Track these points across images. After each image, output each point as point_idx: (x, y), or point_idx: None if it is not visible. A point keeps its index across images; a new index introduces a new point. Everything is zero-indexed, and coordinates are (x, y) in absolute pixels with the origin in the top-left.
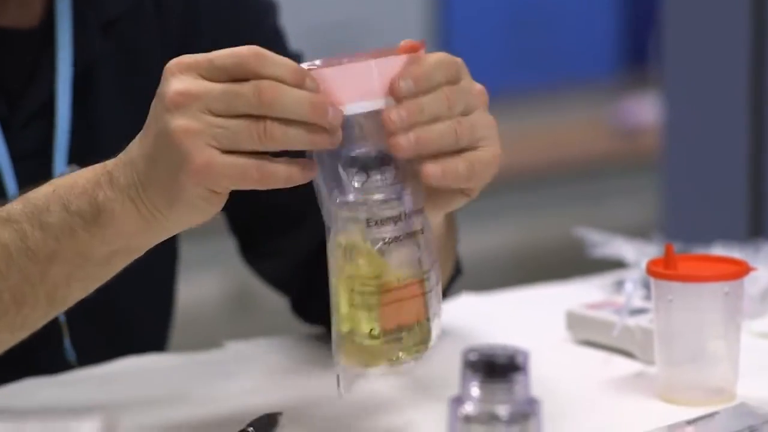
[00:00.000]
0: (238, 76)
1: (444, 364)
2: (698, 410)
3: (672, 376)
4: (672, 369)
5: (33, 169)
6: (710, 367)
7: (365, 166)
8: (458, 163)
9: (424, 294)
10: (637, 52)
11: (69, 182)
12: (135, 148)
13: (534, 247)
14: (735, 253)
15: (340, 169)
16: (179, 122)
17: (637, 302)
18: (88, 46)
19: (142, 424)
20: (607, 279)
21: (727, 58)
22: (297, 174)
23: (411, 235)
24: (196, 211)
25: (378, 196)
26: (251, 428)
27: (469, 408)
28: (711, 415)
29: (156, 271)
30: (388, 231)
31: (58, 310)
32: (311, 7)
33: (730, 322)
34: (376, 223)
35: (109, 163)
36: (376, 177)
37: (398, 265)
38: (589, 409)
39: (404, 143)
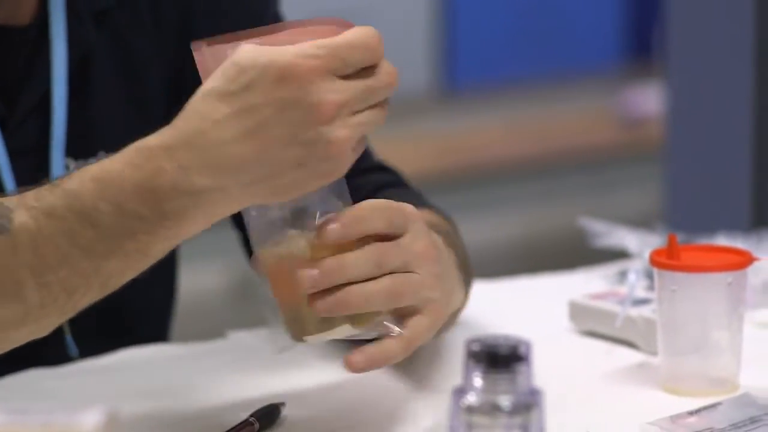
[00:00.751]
0: (366, 65)
1: (446, 353)
2: (701, 400)
3: (675, 367)
4: (675, 359)
5: (30, 164)
6: (713, 358)
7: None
8: (389, 345)
9: None
10: (641, 43)
11: (117, 182)
12: (228, 149)
13: (537, 237)
14: (738, 243)
15: None
16: (336, 134)
17: (640, 292)
18: (82, 39)
19: (144, 415)
20: (611, 269)
21: (730, 48)
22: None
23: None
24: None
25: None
26: (253, 418)
27: (471, 398)
28: (714, 406)
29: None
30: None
31: (104, 294)
32: None
33: (733, 313)
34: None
35: (165, 162)
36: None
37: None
38: (591, 400)
39: (320, 305)
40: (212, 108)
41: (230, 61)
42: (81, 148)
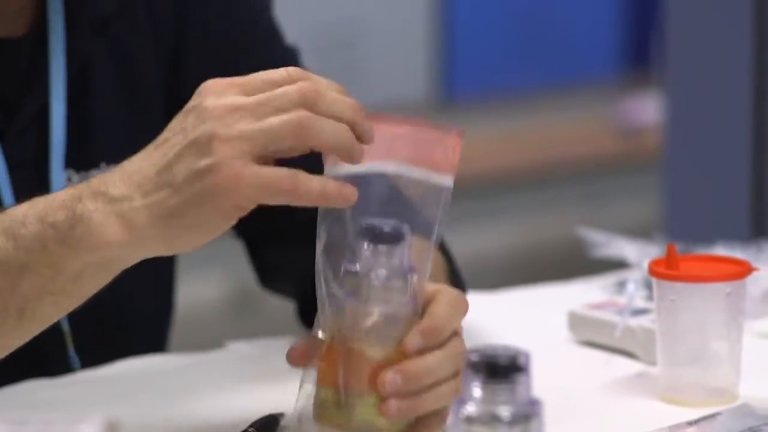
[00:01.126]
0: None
1: None
2: (700, 411)
3: (674, 377)
4: (674, 369)
5: (29, 176)
6: (712, 368)
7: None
8: (433, 421)
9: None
10: (639, 52)
11: (51, 197)
12: (138, 162)
13: (535, 247)
14: (737, 253)
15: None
16: (216, 131)
17: (639, 303)
18: (81, 49)
19: (143, 425)
20: (609, 279)
21: (729, 58)
22: (332, 191)
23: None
24: (205, 227)
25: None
26: (252, 429)
27: (470, 409)
28: (713, 416)
29: (155, 271)
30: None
31: (30, 330)
32: (314, 3)
33: (732, 323)
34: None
35: (95, 180)
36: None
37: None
38: (590, 410)
39: (394, 411)
40: (148, 146)
41: None
42: (82, 160)
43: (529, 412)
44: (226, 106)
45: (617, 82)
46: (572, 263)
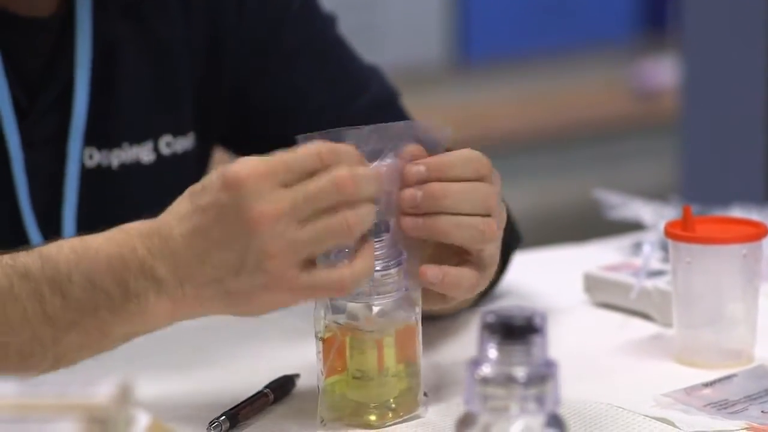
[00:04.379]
0: (315, 173)
1: (461, 325)
2: (716, 372)
3: (690, 339)
4: (690, 331)
5: (46, 154)
6: (728, 330)
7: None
8: (462, 275)
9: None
10: (655, 14)
11: (91, 253)
12: (181, 246)
13: (552, 209)
14: (753, 215)
15: None
16: (264, 248)
17: (655, 264)
18: (108, 30)
19: (159, 386)
20: (625, 241)
21: (745, 20)
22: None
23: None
24: (256, 313)
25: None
26: (268, 390)
27: (486, 370)
28: (729, 378)
29: None
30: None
31: (61, 368)
32: None
33: (748, 285)
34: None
35: (138, 243)
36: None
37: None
38: (606, 371)
39: (409, 222)
40: (180, 204)
41: None
42: (103, 139)
43: (544, 373)
44: (270, 216)
45: (633, 44)
46: (588, 225)
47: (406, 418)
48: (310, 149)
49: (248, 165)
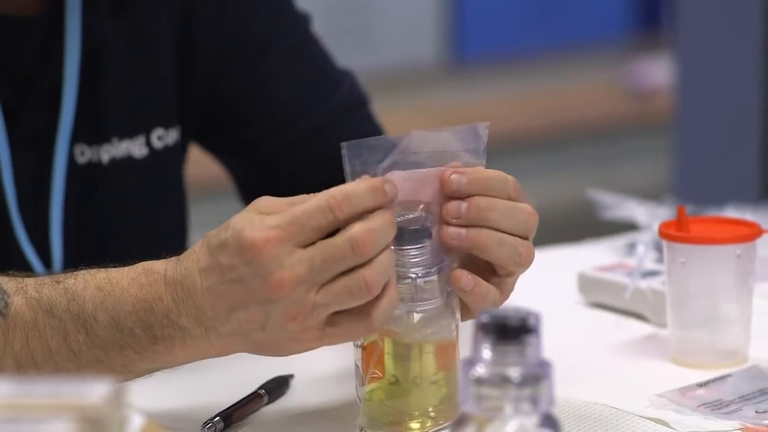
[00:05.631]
0: (329, 228)
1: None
2: (710, 373)
3: (684, 339)
4: (684, 331)
5: (34, 154)
6: (722, 330)
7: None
8: (490, 290)
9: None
10: (650, 14)
11: (117, 293)
12: (204, 299)
13: (545, 209)
14: (747, 215)
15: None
16: (289, 311)
17: (649, 265)
18: (96, 29)
19: (153, 386)
20: (620, 241)
21: (739, 20)
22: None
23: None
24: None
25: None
26: (263, 390)
27: (480, 370)
28: (723, 378)
29: (166, 239)
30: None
31: None
32: None
33: (743, 285)
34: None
35: (164, 291)
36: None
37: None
38: (600, 372)
39: (451, 231)
40: (201, 253)
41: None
42: (93, 134)
43: (538, 373)
44: (289, 283)
45: (627, 44)
46: (582, 225)
47: (446, 426)
48: (321, 203)
49: (263, 230)
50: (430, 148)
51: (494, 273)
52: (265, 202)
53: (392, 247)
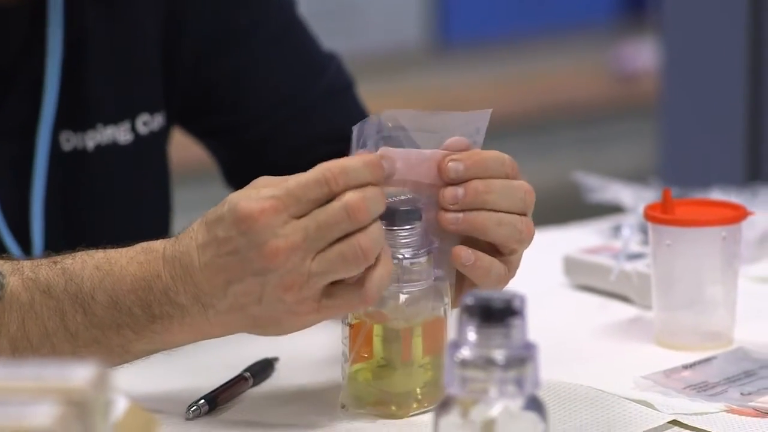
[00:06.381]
0: (324, 200)
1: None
2: (695, 355)
3: (669, 321)
4: (669, 313)
5: (15, 144)
6: (708, 312)
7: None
8: (493, 263)
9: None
10: None
11: (116, 272)
12: (201, 275)
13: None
14: (733, 197)
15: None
16: (283, 282)
17: (635, 247)
18: (80, 18)
19: (137, 370)
20: (605, 224)
21: (725, 3)
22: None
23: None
24: (278, 333)
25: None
26: (248, 373)
27: (465, 352)
28: (708, 360)
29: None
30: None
31: None
32: None
33: (728, 267)
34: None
35: (162, 268)
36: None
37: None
38: (586, 354)
39: (448, 217)
40: (198, 231)
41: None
42: (78, 121)
43: (524, 355)
44: (284, 251)
45: (613, 27)
46: (568, 208)
47: (430, 409)
48: (318, 176)
49: (259, 200)
50: (427, 128)
51: (498, 252)
52: (263, 179)
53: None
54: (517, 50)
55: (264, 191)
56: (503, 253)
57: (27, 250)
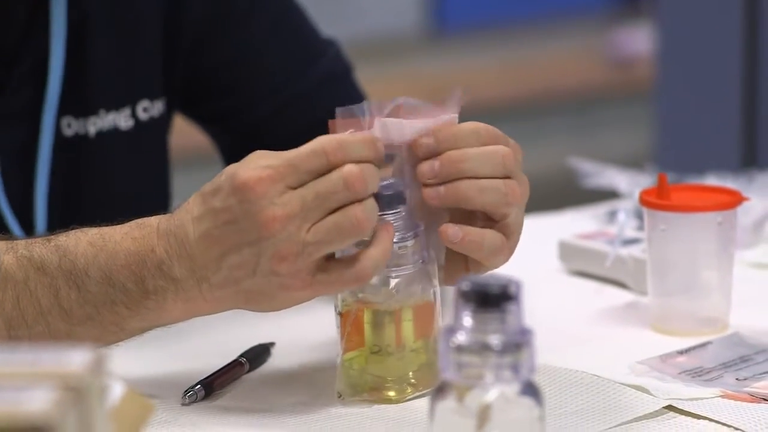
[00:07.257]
0: (322, 171)
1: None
2: (691, 340)
3: (664, 306)
4: (664, 299)
5: (22, 127)
6: (703, 297)
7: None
8: (485, 235)
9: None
10: None
11: (110, 247)
12: (196, 247)
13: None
14: (728, 182)
15: None
16: (278, 251)
17: (630, 232)
18: (82, 1)
19: (134, 355)
20: (600, 209)
21: None
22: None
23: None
24: (272, 309)
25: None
26: (244, 358)
27: (461, 338)
28: (703, 345)
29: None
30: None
31: None
32: None
33: (723, 252)
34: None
35: (156, 242)
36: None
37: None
38: (581, 339)
39: (431, 193)
40: (194, 204)
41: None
42: (80, 107)
43: (519, 341)
44: (280, 220)
45: (609, 12)
46: (564, 193)
47: (425, 393)
48: (316, 147)
49: (256, 169)
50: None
51: (491, 221)
52: (261, 152)
53: None
54: (513, 36)
55: (262, 161)
56: (496, 220)
57: (30, 234)
